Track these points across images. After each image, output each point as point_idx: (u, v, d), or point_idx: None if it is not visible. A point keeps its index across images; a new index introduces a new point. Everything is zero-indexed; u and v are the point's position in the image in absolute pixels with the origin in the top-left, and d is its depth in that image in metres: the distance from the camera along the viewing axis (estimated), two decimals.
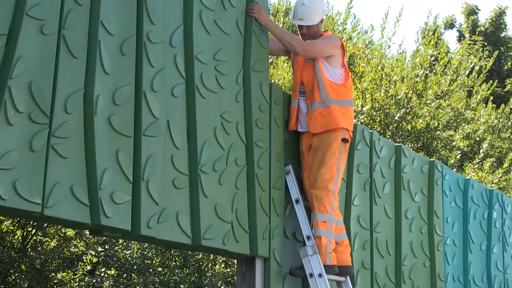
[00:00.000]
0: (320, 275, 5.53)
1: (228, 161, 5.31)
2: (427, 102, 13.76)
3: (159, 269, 10.04)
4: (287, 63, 12.03)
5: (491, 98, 18.03)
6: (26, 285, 9.39)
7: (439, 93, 14.39)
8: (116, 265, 9.86)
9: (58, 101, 4.27)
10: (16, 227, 9.90)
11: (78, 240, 10.16)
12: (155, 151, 4.78)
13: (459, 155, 14.86)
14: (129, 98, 4.68)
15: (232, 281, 10.27)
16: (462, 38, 26.08)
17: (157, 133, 4.82)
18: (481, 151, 15.63)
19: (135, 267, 9.83)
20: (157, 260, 10.16)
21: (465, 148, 15.28)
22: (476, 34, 26.27)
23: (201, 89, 5.18)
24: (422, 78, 14.16)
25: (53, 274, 9.79)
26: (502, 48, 26.10)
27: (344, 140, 5.85)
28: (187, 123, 5.08)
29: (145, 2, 4.86)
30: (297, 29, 6.12)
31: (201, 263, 10.49)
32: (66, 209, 4.22)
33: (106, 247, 9.80)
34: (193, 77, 5.13)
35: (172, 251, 10.12)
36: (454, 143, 14.44)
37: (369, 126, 12.11)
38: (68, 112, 4.31)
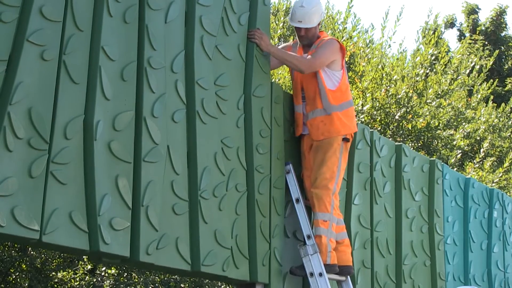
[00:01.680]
0: (320, 274, 5.52)
1: (228, 187, 5.28)
2: (427, 101, 13.80)
3: None
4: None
5: (492, 97, 18.06)
6: (26, 284, 9.40)
7: (439, 92, 14.40)
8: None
9: (58, 127, 4.26)
10: None
11: None
12: (155, 177, 4.76)
13: (460, 154, 14.85)
14: (129, 123, 4.66)
15: None
16: (463, 37, 26.09)
17: (157, 159, 4.79)
18: (481, 150, 15.61)
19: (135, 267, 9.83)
20: None
21: (465, 147, 15.28)
22: (477, 33, 26.30)
23: (202, 115, 5.16)
24: (423, 77, 14.18)
25: (53, 273, 9.80)
26: (502, 47, 26.13)
27: (345, 140, 5.87)
28: (188, 148, 5.06)
29: (146, 28, 4.86)
30: (295, 30, 6.10)
31: None
32: (64, 235, 4.19)
33: None
34: (194, 102, 5.12)
35: None
36: (454, 142, 14.45)
37: (369, 125, 12.10)
38: (68, 138, 4.30)
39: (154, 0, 4.93)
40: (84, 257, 9.75)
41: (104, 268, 10.01)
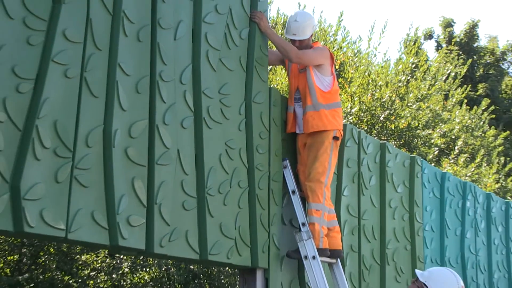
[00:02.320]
0: (313, 257, 5.52)
1: (232, 184, 5.29)
2: (408, 104, 13.86)
3: None
4: (285, 70, 12.02)
5: (465, 101, 18.16)
6: (54, 266, 9.41)
7: (419, 96, 14.47)
8: None
9: (80, 136, 4.27)
10: None
11: None
12: (166, 177, 4.77)
13: (437, 151, 14.94)
14: (144, 131, 4.67)
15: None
16: (440, 48, 26.21)
17: (169, 162, 4.80)
18: (456, 147, 15.73)
19: (150, 257, 9.83)
20: None
21: (442, 145, 15.36)
22: (452, 44, 26.39)
23: (208, 121, 5.17)
24: (404, 83, 14.25)
25: (78, 256, 9.82)
26: (475, 57, 26.22)
27: (335, 138, 5.85)
28: (195, 151, 5.06)
29: (158, 45, 4.85)
30: (290, 42, 6.09)
31: None
32: (87, 233, 4.21)
33: None
34: (201, 110, 5.12)
35: None
36: (432, 141, 14.53)
37: (357, 126, 12.12)
38: (89, 146, 4.31)
39: (164, 20, 4.93)
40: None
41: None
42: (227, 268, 9.64)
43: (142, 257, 9.81)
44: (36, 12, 4.12)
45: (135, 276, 10.18)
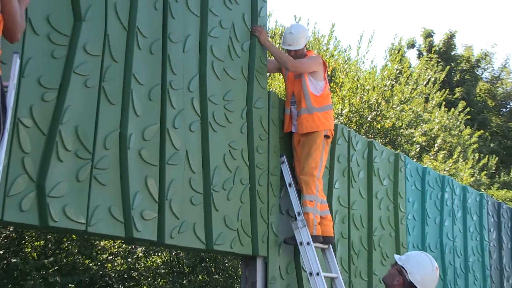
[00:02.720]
0: (308, 243, 5.51)
1: (235, 181, 5.28)
2: (393, 106, 13.82)
3: None
4: (281, 75, 12.05)
5: (444, 103, 18.12)
6: (76, 250, 9.39)
7: (402, 99, 14.43)
8: None
9: (99, 139, 4.27)
10: None
11: None
12: (176, 176, 4.77)
13: (418, 148, 14.91)
14: (156, 134, 4.67)
15: None
16: (421, 56, 26.28)
17: (178, 162, 4.80)
18: (435, 145, 15.71)
19: (162, 247, 9.81)
20: None
21: (423, 143, 15.32)
22: (432, 52, 26.42)
23: (213, 125, 5.16)
24: (389, 87, 14.23)
25: (97, 241, 9.80)
26: (452, 64, 26.27)
27: (326, 137, 5.83)
28: (202, 152, 5.05)
29: (168, 57, 4.85)
30: (286, 52, 6.08)
31: None
32: (105, 226, 4.22)
33: None
34: (207, 115, 5.11)
35: None
36: (414, 139, 14.49)
37: (347, 126, 12.08)
38: (107, 148, 4.31)
39: (174, 34, 4.93)
40: None
41: None
42: None
43: None
44: (59, 29, 4.13)
45: (148, 260, 10.17)
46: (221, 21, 5.37)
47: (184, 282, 9.81)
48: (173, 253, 9.96)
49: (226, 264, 10.03)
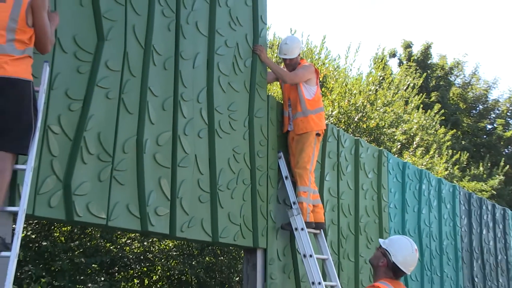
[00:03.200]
0: (302, 229, 5.48)
1: (238, 181, 5.25)
2: (377, 108, 13.79)
3: None
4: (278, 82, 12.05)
5: (421, 106, 18.14)
6: (98, 235, 9.37)
7: (385, 102, 14.43)
8: None
9: (118, 145, 4.25)
10: None
11: None
12: (186, 177, 4.75)
13: (399, 145, 14.86)
14: (168, 140, 4.65)
15: None
16: (401, 64, 26.17)
17: (188, 164, 4.78)
18: (414, 142, 15.69)
19: (173, 239, 9.78)
20: None
21: (403, 141, 15.29)
22: (411, 61, 26.35)
23: (219, 132, 5.13)
24: (374, 92, 14.24)
25: None
26: (428, 71, 26.17)
27: (317, 135, 5.79)
28: (209, 156, 5.02)
29: (180, 72, 4.83)
30: (282, 60, 6.06)
31: None
32: (123, 221, 4.21)
33: None
34: (213, 123, 5.09)
35: None
36: (395, 137, 14.45)
37: (336, 126, 12.07)
38: (125, 152, 4.30)
39: (185, 52, 4.91)
40: None
41: None
42: None
43: None
44: (85, 47, 4.12)
45: (161, 243, 10.16)
46: (226, 41, 5.35)
47: (193, 263, 9.80)
48: None
49: (231, 248, 10.04)
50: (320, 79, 12.82)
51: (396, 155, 13.73)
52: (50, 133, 3.81)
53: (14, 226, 3.48)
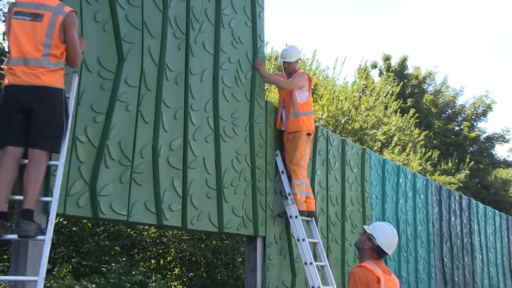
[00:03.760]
0: (296, 217, 5.47)
1: (240, 179, 5.24)
2: (360, 112, 13.80)
3: None
4: (276, 89, 12.01)
5: (399, 110, 18.10)
6: (116, 227, 9.40)
7: (368, 107, 14.40)
8: None
9: (137, 150, 4.23)
10: None
11: None
12: (195, 177, 4.73)
13: (380, 144, 14.85)
14: (180, 145, 4.63)
15: None
16: (381, 74, 26.15)
17: (197, 166, 4.76)
18: (392, 142, 15.66)
19: (185, 231, 9.74)
20: None
21: (383, 140, 15.29)
22: (390, 71, 26.30)
23: (224, 136, 5.11)
24: (358, 98, 14.21)
25: None
26: (405, 80, 26.17)
27: (308, 134, 5.76)
28: (215, 158, 5.01)
29: (189, 86, 4.81)
30: (282, 64, 6.01)
31: None
32: (141, 216, 4.19)
33: None
34: (219, 129, 5.07)
35: None
36: (376, 137, 14.44)
37: (326, 127, 12.07)
38: (143, 157, 4.27)
39: (194, 68, 4.88)
40: None
41: None
42: None
43: None
44: (107, 67, 4.09)
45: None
46: (229, 57, 5.33)
47: (202, 246, 9.79)
48: None
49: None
50: (312, 87, 12.80)
51: (377, 153, 13.72)
52: (78, 143, 3.80)
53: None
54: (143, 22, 4.40)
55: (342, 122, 13.12)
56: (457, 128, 27.88)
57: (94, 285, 7.39)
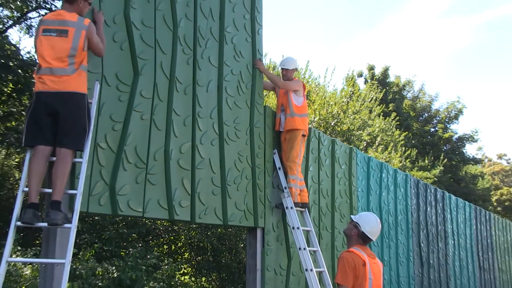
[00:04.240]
0: (291, 207, 5.45)
1: (242, 177, 5.21)
2: (348, 116, 13.74)
3: None
4: (274, 95, 11.98)
5: (382, 114, 18.07)
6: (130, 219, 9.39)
7: (354, 111, 14.37)
8: None
9: (151, 154, 4.21)
10: None
11: None
12: (202, 176, 4.71)
13: (365, 144, 14.83)
14: (189, 149, 4.61)
15: None
16: (366, 82, 26.06)
17: (204, 167, 4.74)
18: (376, 142, 15.63)
19: (193, 224, 9.69)
20: None
21: (368, 140, 15.27)
22: (374, 80, 26.23)
23: (227, 140, 5.09)
24: (346, 103, 14.18)
25: None
26: (387, 88, 26.11)
27: (303, 135, 5.74)
28: (220, 159, 4.98)
29: (196, 96, 4.78)
30: (280, 72, 5.97)
31: None
32: (155, 212, 4.17)
33: None
34: (223, 134, 5.04)
35: None
36: (362, 138, 14.41)
37: (317, 129, 12.04)
38: (156, 160, 4.25)
39: (200, 80, 4.85)
40: None
41: None
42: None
43: None
44: (124, 81, 4.07)
45: None
46: (232, 70, 5.30)
47: (208, 233, 9.78)
48: None
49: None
50: (306, 92, 12.79)
51: (362, 151, 13.69)
52: (99, 148, 3.78)
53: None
54: (156, 40, 4.38)
55: (332, 124, 13.10)
56: (432, 129, 27.91)
57: (114, 267, 7.40)
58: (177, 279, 8.58)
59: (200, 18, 4.90)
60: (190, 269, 10.19)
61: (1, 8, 9.90)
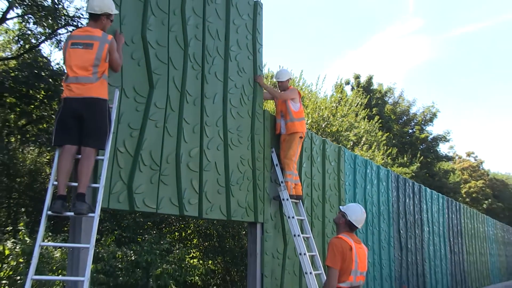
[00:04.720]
0: (287, 199, 5.42)
1: (244, 178, 5.17)
2: (337, 119, 13.69)
3: None
4: (272, 102, 11.91)
5: (366, 117, 17.99)
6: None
7: (342, 114, 14.32)
8: None
9: (164, 158, 4.18)
10: None
11: None
12: (209, 178, 4.67)
13: (352, 143, 14.77)
14: (197, 153, 4.57)
15: None
16: (353, 89, 25.96)
17: (210, 169, 4.70)
18: (362, 141, 15.55)
19: (201, 219, 9.64)
20: None
21: (354, 140, 15.21)
22: (359, 87, 26.13)
23: (231, 145, 5.04)
24: (335, 108, 14.16)
25: None
26: (371, 94, 26.01)
27: (300, 137, 5.69)
28: (224, 162, 4.94)
29: (204, 107, 4.73)
30: (276, 83, 5.90)
31: None
32: (167, 209, 4.14)
33: None
34: (227, 140, 5.00)
35: None
36: (349, 138, 14.35)
37: (310, 130, 11.92)
38: (168, 162, 4.22)
39: (208, 93, 4.81)
40: None
41: None
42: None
43: None
44: (140, 93, 4.03)
45: None
46: (235, 84, 5.25)
47: (214, 221, 9.73)
48: None
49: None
50: (301, 98, 12.74)
51: (350, 150, 13.60)
52: (118, 153, 3.75)
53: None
54: (169, 58, 4.34)
55: (323, 126, 13.05)
56: (410, 131, 27.89)
57: (131, 251, 7.38)
58: (186, 262, 8.54)
59: (208, 39, 4.86)
60: (198, 253, 10.17)
61: (36, 26, 9.89)
